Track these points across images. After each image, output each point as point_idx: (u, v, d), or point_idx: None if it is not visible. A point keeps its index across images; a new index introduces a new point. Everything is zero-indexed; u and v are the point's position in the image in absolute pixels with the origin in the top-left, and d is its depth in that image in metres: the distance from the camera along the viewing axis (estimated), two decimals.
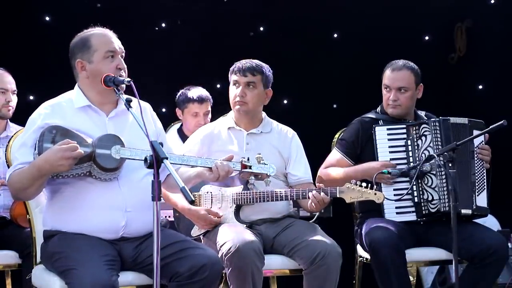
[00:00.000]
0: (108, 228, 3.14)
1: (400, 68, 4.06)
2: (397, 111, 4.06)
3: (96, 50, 3.20)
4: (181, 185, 2.66)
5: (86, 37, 3.24)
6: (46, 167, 2.97)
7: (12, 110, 4.44)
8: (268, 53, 4.36)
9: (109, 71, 3.17)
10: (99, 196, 3.12)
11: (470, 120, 3.97)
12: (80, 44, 3.23)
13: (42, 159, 2.97)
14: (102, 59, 3.20)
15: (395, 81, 4.04)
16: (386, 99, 4.08)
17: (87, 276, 2.89)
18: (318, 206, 3.66)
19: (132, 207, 3.15)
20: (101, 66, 3.19)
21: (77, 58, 3.23)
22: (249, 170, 3.45)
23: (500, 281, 4.95)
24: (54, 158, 2.94)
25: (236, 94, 3.82)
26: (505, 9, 6.15)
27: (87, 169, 3.08)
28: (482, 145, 3.96)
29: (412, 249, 3.87)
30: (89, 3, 5.79)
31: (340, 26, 6.23)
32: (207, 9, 5.96)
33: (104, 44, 3.21)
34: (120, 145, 3.09)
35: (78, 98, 3.23)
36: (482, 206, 3.93)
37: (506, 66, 6.03)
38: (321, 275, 3.52)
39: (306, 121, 5.63)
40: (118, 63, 3.21)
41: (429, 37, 6.38)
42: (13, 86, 4.43)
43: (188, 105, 4.94)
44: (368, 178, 3.86)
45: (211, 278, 3.11)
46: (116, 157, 3.07)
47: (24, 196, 3.15)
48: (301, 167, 3.92)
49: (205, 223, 3.74)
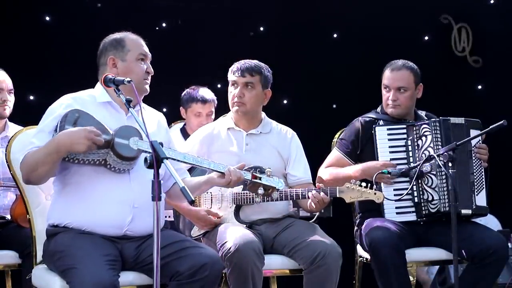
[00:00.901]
0: (114, 222, 3.15)
1: (399, 68, 4.06)
2: (396, 111, 4.06)
3: (130, 50, 3.32)
4: (181, 185, 2.67)
5: (121, 37, 3.35)
6: (66, 143, 2.99)
7: (9, 109, 4.42)
8: (268, 53, 4.36)
9: (139, 72, 3.30)
10: (109, 189, 3.14)
11: (466, 120, 3.97)
12: (115, 42, 3.33)
13: (64, 135, 3.01)
14: (135, 60, 3.31)
15: (395, 81, 4.05)
16: (385, 99, 4.08)
17: (88, 275, 2.89)
18: (318, 206, 3.66)
19: (139, 204, 3.17)
20: (133, 66, 3.31)
21: (110, 55, 3.30)
22: (259, 181, 3.43)
23: (500, 281, 4.96)
24: (76, 135, 2.98)
25: (234, 94, 3.82)
26: (504, 9, 6.15)
27: (103, 157, 3.09)
28: (480, 144, 3.96)
29: (412, 249, 3.86)
30: (89, 3, 5.79)
31: (340, 26, 6.24)
32: (207, 9, 5.96)
33: (138, 47, 3.35)
34: (139, 137, 3.12)
35: (101, 94, 3.29)
36: (482, 206, 3.93)
37: (506, 66, 6.04)
38: (321, 275, 3.52)
39: (306, 121, 5.64)
40: (148, 67, 3.35)
41: (429, 37, 6.38)
42: (9, 85, 4.41)
43: (191, 105, 4.98)
44: (368, 177, 3.86)
45: (212, 278, 3.11)
46: (134, 147, 3.10)
47: (36, 176, 3.10)
48: (301, 167, 3.92)
49: (205, 224, 3.74)
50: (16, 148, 3.41)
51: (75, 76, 3.33)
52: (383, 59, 4.23)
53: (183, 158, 3.23)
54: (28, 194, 3.44)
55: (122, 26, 3.47)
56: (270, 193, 3.46)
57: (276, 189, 3.45)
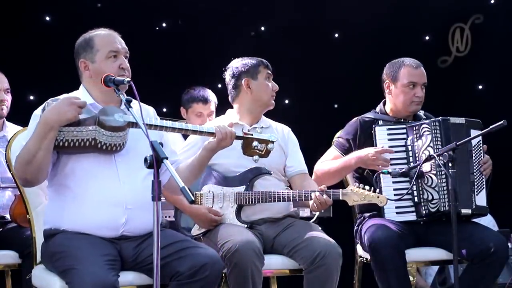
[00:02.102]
0: (108, 225, 3.14)
1: (418, 65, 4.09)
2: (418, 107, 4.08)
3: (99, 50, 3.23)
4: (181, 185, 2.67)
5: (90, 37, 3.27)
6: (53, 117, 2.99)
7: (6, 109, 4.41)
8: (269, 53, 4.35)
9: (111, 71, 3.19)
10: (100, 192, 3.12)
11: (467, 120, 3.97)
12: (84, 43, 3.26)
13: (48, 111, 3.02)
14: (104, 59, 3.22)
15: (421, 77, 4.07)
16: (410, 96, 4.04)
17: (88, 276, 2.89)
18: (320, 208, 3.66)
19: (132, 204, 3.15)
20: (103, 66, 3.21)
21: (80, 58, 3.26)
22: (251, 136, 3.41)
23: (500, 281, 4.96)
24: (61, 105, 3.00)
25: (273, 87, 3.90)
26: (504, 9, 6.15)
27: (92, 135, 3.05)
28: (484, 158, 3.95)
29: (412, 249, 3.86)
30: (89, 3, 5.80)
31: (340, 26, 6.24)
32: (207, 9, 5.96)
33: (107, 44, 3.24)
34: (122, 113, 3.10)
35: (83, 97, 3.23)
36: (482, 205, 3.93)
37: (506, 66, 6.04)
38: (321, 275, 3.52)
39: (307, 121, 5.64)
40: (121, 62, 3.23)
41: (429, 37, 6.38)
42: (5, 84, 4.40)
43: (192, 105, 4.99)
44: (363, 165, 3.91)
45: (212, 278, 3.10)
46: (120, 120, 3.09)
47: (33, 170, 3.04)
48: (296, 159, 3.95)
49: (205, 222, 3.73)
50: (16, 148, 3.40)
51: (75, 76, 3.31)
52: (383, 59, 4.23)
53: (171, 125, 3.21)
54: (28, 194, 3.44)
55: (122, 26, 3.47)
56: (266, 147, 3.43)
57: (270, 141, 3.43)
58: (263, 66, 3.90)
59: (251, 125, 3.90)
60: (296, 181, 3.90)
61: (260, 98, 3.90)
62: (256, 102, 3.90)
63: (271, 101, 3.91)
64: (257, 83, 3.88)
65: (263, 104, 3.91)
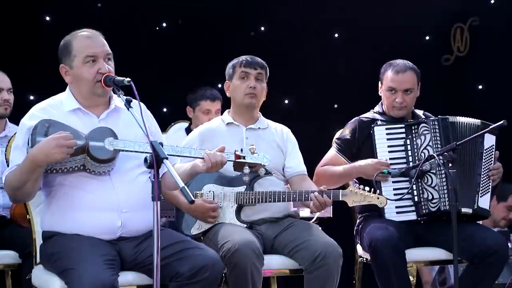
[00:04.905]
0: (105, 229, 3.14)
1: (404, 69, 4.03)
2: (403, 112, 4.05)
3: (76, 55, 3.17)
4: (181, 185, 2.67)
5: (69, 41, 3.22)
6: (40, 157, 2.94)
7: (9, 108, 4.42)
8: (269, 53, 4.36)
9: (89, 77, 3.14)
10: (94, 198, 3.11)
11: (483, 123, 3.94)
12: (63, 48, 3.22)
13: (36, 149, 2.95)
14: (81, 64, 3.16)
15: (402, 83, 4.02)
16: (391, 101, 4.04)
17: (87, 276, 2.88)
18: (320, 208, 3.66)
19: (128, 207, 3.14)
20: (80, 72, 3.16)
21: (61, 63, 3.22)
22: (243, 160, 3.42)
23: (500, 281, 4.95)
24: (48, 146, 2.92)
25: (248, 85, 3.81)
26: (504, 9, 6.15)
27: (81, 162, 3.05)
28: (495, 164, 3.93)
29: (412, 249, 3.86)
30: (89, 3, 5.80)
31: (340, 26, 6.23)
32: (207, 9, 5.96)
33: (84, 49, 3.16)
34: (113, 137, 3.08)
35: (68, 101, 3.22)
36: (484, 208, 3.91)
37: (506, 66, 6.04)
38: (322, 275, 3.52)
39: (307, 121, 5.64)
40: (100, 67, 3.14)
41: (429, 37, 6.38)
42: (8, 84, 4.41)
43: (200, 103, 5.00)
44: (364, 176, 3.90)
45: (212, 279, 3.10)
46: (110, 149, 3.06)
47: (22, 195, 3.10)
48: (296, 160, 3.93)
49: (203, 214, 3.70)
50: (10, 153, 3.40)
51: None
52: (383, 58, 4.22)
53: None
54: None
55: (122, 26, 3.46)
56: (257, 169, 3.44)
57: (261, 165, 3.44)
58: (239, 65, 3.85)
59: (247, 125, 3.89)
60: (295, 182, 3.89)
61: (235, 100, 3.90)
62: (235, 103, 3.91)
63: (245, 100, 3.84)
64: (232, 84, 3.88)
65: (240, 104, 3.87)
